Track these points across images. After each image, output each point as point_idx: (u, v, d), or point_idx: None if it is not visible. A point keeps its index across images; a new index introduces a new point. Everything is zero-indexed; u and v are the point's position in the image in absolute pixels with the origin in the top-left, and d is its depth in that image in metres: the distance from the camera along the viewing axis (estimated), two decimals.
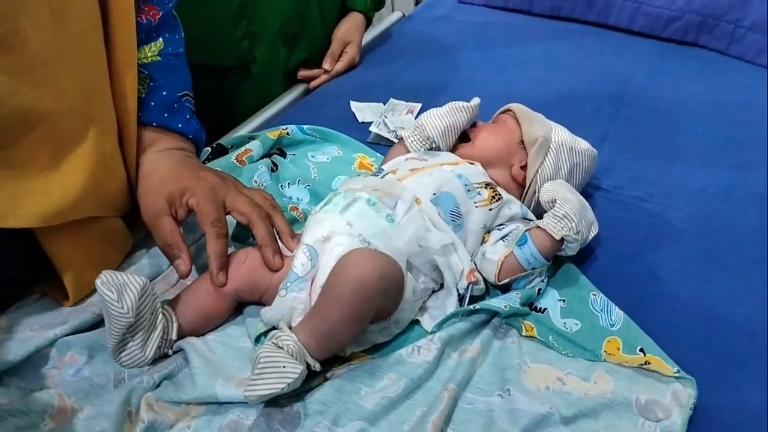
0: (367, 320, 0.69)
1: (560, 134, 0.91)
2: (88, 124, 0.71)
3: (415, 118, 1.16)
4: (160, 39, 0.83)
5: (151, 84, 0.82)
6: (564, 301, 0.81)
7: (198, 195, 0.76)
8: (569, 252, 0.82)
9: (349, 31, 1.43)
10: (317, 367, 0.67)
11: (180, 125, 0.84)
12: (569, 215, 0.79)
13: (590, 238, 0.84)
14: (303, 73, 1.39)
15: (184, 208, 0.77)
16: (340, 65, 1.41)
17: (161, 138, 0.82)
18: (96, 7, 0.73)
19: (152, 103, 0.82)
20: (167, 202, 0.76)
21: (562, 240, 0.79)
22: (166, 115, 0.83)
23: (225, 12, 1.24)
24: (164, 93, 0.83)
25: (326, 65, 1.39)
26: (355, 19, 1.45)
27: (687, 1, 1.53)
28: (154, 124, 0.82)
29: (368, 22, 1.50)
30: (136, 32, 0.77)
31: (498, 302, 0.76)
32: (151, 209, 0.77)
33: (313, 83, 1.39)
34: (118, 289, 0.65)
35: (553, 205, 0.81)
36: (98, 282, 0.65)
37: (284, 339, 0.65)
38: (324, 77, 1.39)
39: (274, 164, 1.02)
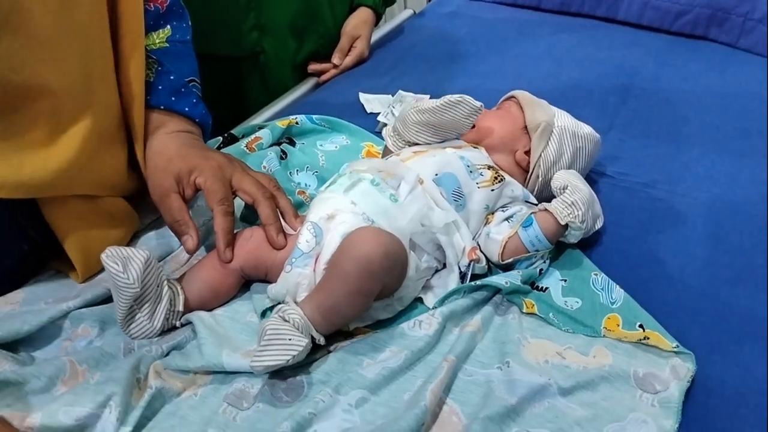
0: (371, 296, 0.71)
1: (563, 119, 0.92)
2: (88, 104, 0.74)
3: None
4: (168, 26, 0.86)
5: (159, 69, 0.85)
6: (565, 281, 0.82)
7: (206, 174, 0.78)
8: (571, 239, 0.83)
9: (359, 26, 1.45)
10: (322, 340, 0.69)
11: (187, 108, 0.86)
12: (578, 203, 0.80)
13: (594, 230, 0.85)
14: (313, 66, 1.42)
15: (191, 186, 0.79)
16: (349, 60, 1.42)
17: (169, 120, 0.85)
18: None
19: (160, 87, 0.84)
20: (175, 181, 0.79)
21: (566, 226, 0.80)
22: (173, 98, 0.85)
23: (234, 3, 1.27)
24: (172, 77, 0.85)
25: (335, 60, 1.41)
26: (364, 14, 1.46)
27: None
28: (162, 107, 0.84)
29: (378, 18, 1.51)
30: (143, 17, 0.79)
31: (499, 279, 0.77)
32: (160, 187, 0.79)
33: (323, 77, 1.41)
34: (123, 261, 0.67)
35: (564, 192, 0.82)
36: (103, 256, 0.67)
37: (290, 312, 0.67)
38: (333, 71, 1.41)
39: (284, 152, 1.04)
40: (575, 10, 1.67)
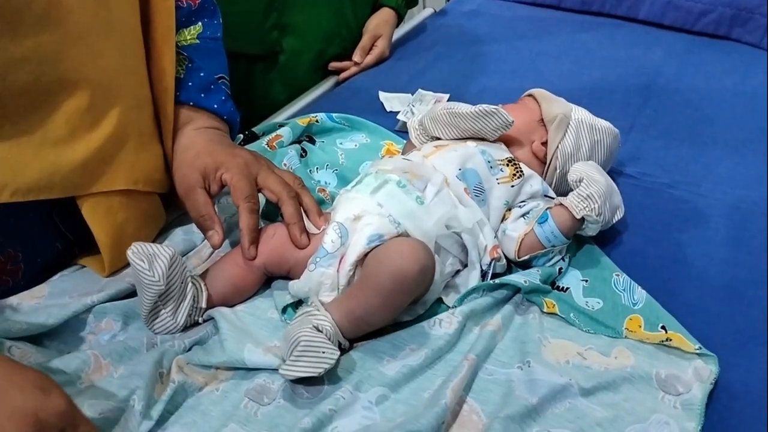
0: (402, 308, 0.72)
1: (579, 113, 0.92)
2: (120, 99, 0.74)
3: None
4: (200, 23, 0.86)
5: (190, 65, 0.85)
6: (587, 281, 0.81)
7: (232, 170, 0.78)
8: (589, 233, 0.82)
9: (380, 25, 1.45)
10: (346, 345, 0.69)
11: (216, 105, 0.87)
12: (593, 196, 0.79)
13: (613, 221, 0.84)
14: (334, 64, 1.42)
15: (217, 182, 0.79)
16: (370, 58, 1.43)
17: (197, 117, 0.86)
18: None
19: (190, 84, 0.85)
20: (201, 176, 0.79)
21: (582, 219, 0.80)
22: (202, 95, 0.86)
23: (257, 3, 1.28)
24: (202, 74, 0.86)
25: (356, 58, 1.42)
26: (386, 14, 1.47)
27: None
28: (191, 103, 0.85)
29: (399, 19, 1.52)
30: (174, 13, 0.80)
31: (518, 277, 0.77)
32: (186, 182, 0.80)
33: (343, 75, 1.42)
34: (149, 258, 0.68)
35: (579, 184, 0.81)
36: (129, 252, 0.68)
37: (321, 320, 0.67)
38: (354, 69, 1.42)
39: (304, 150, 1.05)
40: (596, 9, 1.67)
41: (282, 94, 1.35)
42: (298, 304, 0.77)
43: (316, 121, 1.12)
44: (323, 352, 0.63)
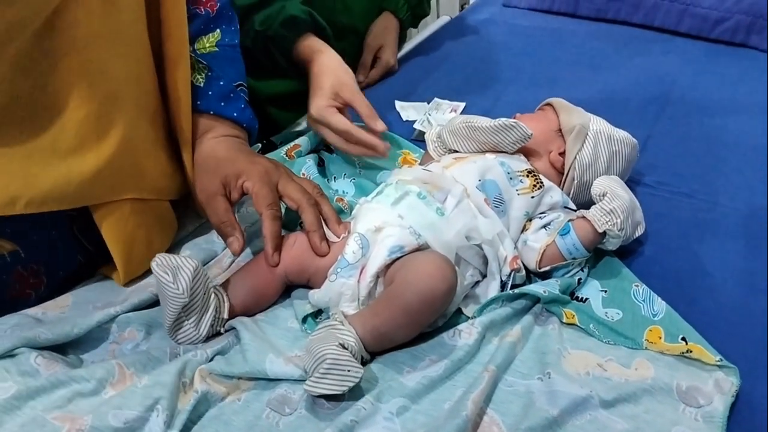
0: (426, 325, 0.72)
1: (598, 123, 0.92)
2: (125, 109, 0.75)
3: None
4: (218, 30, 0.87)
5: (209, 74, 0.86)
6: (606, 291, 0.81)
7: (253, 178, 0.80)
8: (609, 247, 0.83)
9: (379, 34, 1.37)
10: (368, 359, 0.70)
11: (235, 114, 0.88)
12: (616, 211, 0.79)
13: (634, 237, 0.84)
14: None
15: (238, 190, 0.81)
16: (374, 73, 1.37)
17: (217, 125, 0.87)
18: None
19: (210, 93, 0.86)
20: (222, 184, 0.80)
21: (604, 233, 0.80)
22: (222, 104, 0.87)
23: None
24: (221, 83, 0.87)
25: (359, 77, 1.33)
26: (385, 20, 1.38)
27: (736, 1, 1.51)
28: (212, 112, 0.86)
29: (401, 25, 1.41)
30: (187, 23, 0.80)
31: (537, 287, 0.77)
32: (207, 189, 0.81)
33: None
34: (173, 271, 0.68)
35: (603, 198, 0.82)
36: (154, 264, 0.69)
37: (346, 336, 0.67)
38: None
39: (321, 160, 1.06)
40: (611, 17, 1.67)
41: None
42: (317, 313, 0.77)
43: None
44: (348, 371, 0.64)
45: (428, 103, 1.26)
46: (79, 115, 0.69)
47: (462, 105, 1.25)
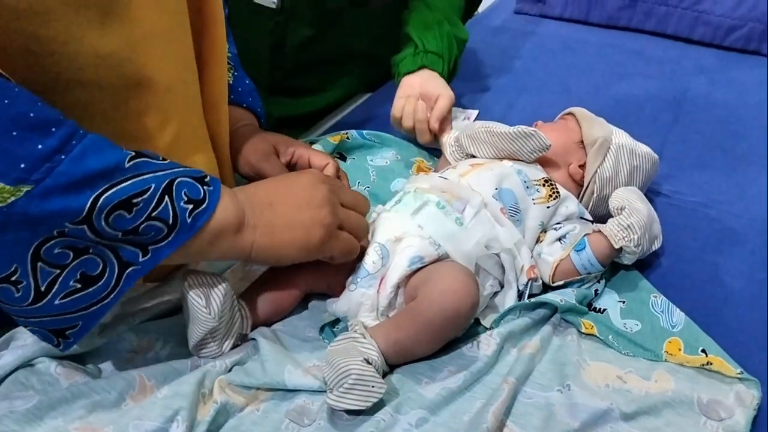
0: (448, 340, 0.72)
1: (620, 137, 0.92)
2: (179, 105, 0.75)
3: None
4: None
5: (236, 74, 0.92)
6: (624, 302, 0.81)
7: (301, 148, 0.88)
8: (624, 261, 0.82)
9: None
10: (387, 370, 0.70)
11: (259, 110, 0.96)
12: (634, 226, 0.79)
13: (650, 252, 0.84)
14: None
15: (287, 156, 0.88)
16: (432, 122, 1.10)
17: (246, 117, 0.94)
18: None
19: (240, 89, 0.94)
20: (273, 147, 0.87)
21: (620, 249, 0.80)
22: (250, 99, 0.95)
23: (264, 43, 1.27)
24: (247, 81, 0.95)
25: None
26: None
27: (749, 8, 1.51)
28: (244, 105, 0.94)
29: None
30: (224, 24, 0.80)
31: (554, 296, 0.77)
32: (258, 150, 0.87)
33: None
34: (206, 293, 0.68)
35: (621, 212, 0.81)
36: (186, 285, 0.68)
37: (369, 350, 0.66)
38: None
39: None
40: (623, 24, 1.66)
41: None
42: (334, 322, 0.77)
43: (347, 138, 1.12)
44: (372, 386, 0.63)
45: None
46: (145, 104, 0.69)
47: (475, 113, 1.24)
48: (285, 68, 1.30)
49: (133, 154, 0.59)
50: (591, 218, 0.87)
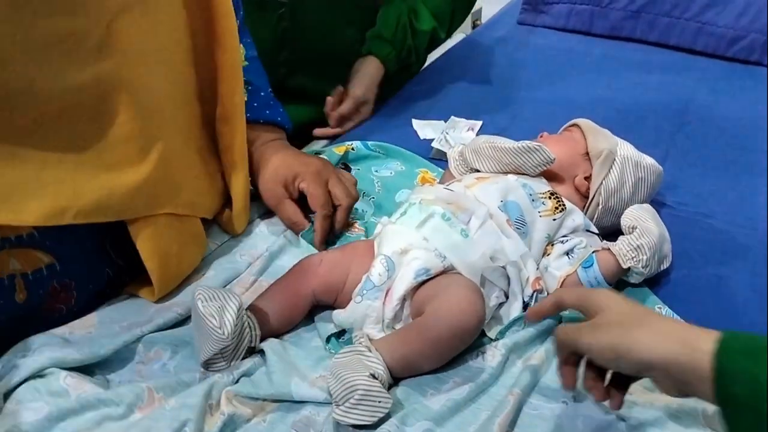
0: (454, 356, 0.73)
1: (626, 149, 0.92)
2: (168, 126, 0.77)
3: (476, 135, 1.19)
4: (241, 44, 0.89)
5: (250, 88, 0.93)
6: None
7: (308, 179, 0.91)
8: (631, 280, 0.83)
9: (370, 89, 1.30)
10: (392, 383, 0.70)
11: (279, 118, 0.99)
12: (643, 247, 0.80)
13: (658, 271, 0.85)
14: (318, 131, 1.29)
15: (296, 191, 0.93)
16: (350, 125, 1.29)
17: (263, 132, 0.97)
18: (182, 11, 0.77)
19: (255, 104, 0.95)
20: (284, 187, 0.92)
21: (628, 268, 0.80)
22: (267, 112, 0.97)
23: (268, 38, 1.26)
24: (262, 94, 0.97)
25: (337, 129, 1.28)
26: (373, 68, 1.31)
27: (751, 20, 1.52)
28: (262, 121, 0.96)
29: (386, 73, 1.33)
30: (237, 35, 0.82)
31: None
32: (273, 196, 0.93)
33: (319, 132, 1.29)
34: (219, 312, 0.68)
35: (632, 232, 0.81)
36: (199, 303, 0.68)
37: (375, 365, 0.67)
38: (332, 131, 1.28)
39: None
40: (626, 35, 1.67)
41: None
42: (340, 332, 0.78)
43: (352, 149, 1.13)
44: (379, 401, 0.64)
45: (445, 122, 1.26)
46: (124, 130, 0.71)
47: (479, 123, 1.25)
48: (289, 65, 1.31)
49: None
50: (597, 231, 0.88)
